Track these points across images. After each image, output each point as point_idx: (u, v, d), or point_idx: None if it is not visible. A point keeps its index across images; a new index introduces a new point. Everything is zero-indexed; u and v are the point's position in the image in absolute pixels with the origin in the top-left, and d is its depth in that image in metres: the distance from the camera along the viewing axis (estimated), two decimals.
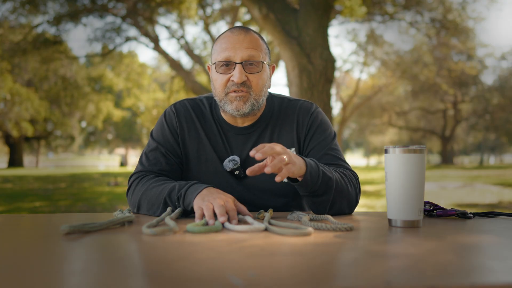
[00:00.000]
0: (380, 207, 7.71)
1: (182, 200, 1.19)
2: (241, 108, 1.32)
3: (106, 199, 9.21)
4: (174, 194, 1.22)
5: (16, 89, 17.57)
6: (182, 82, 13.67)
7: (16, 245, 0.86)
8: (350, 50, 36.49)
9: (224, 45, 1.32)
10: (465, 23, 12.43)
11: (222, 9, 12.80)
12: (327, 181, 1.21)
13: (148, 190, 1.28)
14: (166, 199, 1.23)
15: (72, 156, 56.81)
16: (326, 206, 1.25)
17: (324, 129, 1.44)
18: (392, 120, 30.00)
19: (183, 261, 0.70)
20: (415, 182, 1.04)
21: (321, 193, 1.22)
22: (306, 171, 1.16)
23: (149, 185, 1.29)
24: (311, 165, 1.18)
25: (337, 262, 0.73)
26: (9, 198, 9.42)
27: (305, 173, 1.16)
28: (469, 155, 50.65)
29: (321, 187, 1.21)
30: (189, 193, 1.18)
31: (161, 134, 1.43)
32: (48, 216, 1.30)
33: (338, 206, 1.27)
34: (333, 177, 1.24)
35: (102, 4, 11.11)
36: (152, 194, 1.26)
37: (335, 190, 1.24)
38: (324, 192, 1.22)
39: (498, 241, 0.89)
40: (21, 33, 12.34)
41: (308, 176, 1.17)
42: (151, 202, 1.26)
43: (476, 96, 26.68)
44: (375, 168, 30.34)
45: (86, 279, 0.61)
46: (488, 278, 0.63)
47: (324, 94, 5.40)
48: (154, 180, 1.31)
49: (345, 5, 6.22)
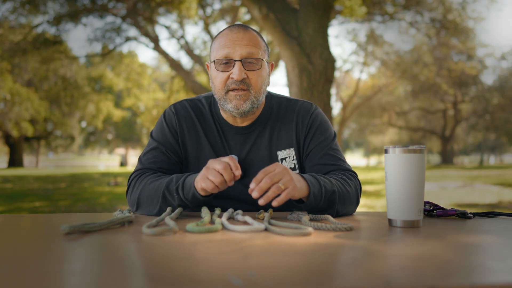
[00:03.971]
0: (380, 207, 7.71)
1: (182, 189, 1.20)
2: (241, 106, 1.32)
3: (106, 199, 9.21)
4: (172, 186, 1.22)
5: (16, 89, 17.56)
6: (182, 82, 13.67)
7: (16, 245, 0.86)
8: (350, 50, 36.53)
9: (223, 42, 1.32)
10: (465, 23, 12.43)
11: (222, 9, 12.80)
12: (330, 196, 1.21)
13: (147, 186, 1.28)
14: (164, 191, 1.23)
15: (72, 156, 56.81)
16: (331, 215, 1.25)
17: (324, 129, 1.44)
18: (392, 120, 29.99)
19: (183, 261, 0.70)
20: (415, 182, 1.04)
21: (325, 208, 1.22)
22: (309, 193, 1.16)
23: (147, 180, 1.30)
24: (313, 185, 1.17)
25: (337, 262, 0.73)
26: (9, 198, 9.42)
27: (309, 195, 1.16)
28: (469, 155, 50.63)
29: (325, 203, 1.21)
30: (188, 181, 1.20)
31: (160, 134, 1.43)
32: (48, 216, 1.30)
33: (342, 213, 1.28)
34: (336, 188, 1.23)
35: (102, 4, 11.11)
36: (150, 188, 1.27)
37: (338, 200, 1.23)
38: (328, 206, 1.22)
39: (498, 241, 0.89)
40: (21, 33, 12.34)
41: (312, 197, 1.17)
42: (150, 197, 1.26)
43: (476, 96, 26.68)
44: (375, 168, 30.33)
45: (86, 279, 0.61)
46: (488, 278, 0.63)
47: (324, 94, 5.40)
48: (151, 176, 1.31)
49: (345, 5, 6.22)
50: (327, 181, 1.23)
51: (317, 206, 1.20)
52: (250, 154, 1.40)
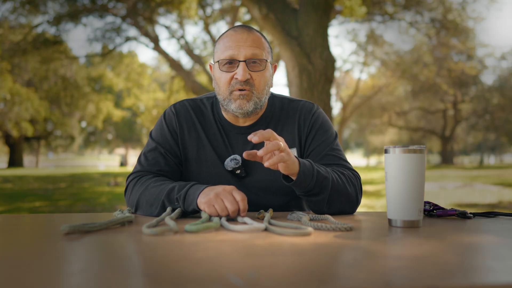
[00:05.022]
0: (380, 207, 7.71)
1: (183, 201, 1.19)
2: (244, 106, 1.32)
3: (106, 199, 9.21)
4: (173, 195, 1.21)
5: (16, 89, 17.55)
6: (182, 82, 13.68)
7: (16, 245, 0.86)
8: (350, 50, 36.49)
9: (228, 43, 1.33)
10: (465, 23, 12.43)
11: (222, 9, 12.80)
12: (322, 180, 1.22)
13: (147, 190, 1.27)
14: (164, 200, 1.22)
15: (72, 156, 56.81)
16: (323, 205, 1.25)
17: (325, 129, 1.44)
18: (392, 120, 29.99)
19: (183, 261, 0.70)
20: (415, 182, 1.04)
21: (316, 193, 1.23)
22: (299, 169, 1.18)
23: (148, 185, 1.29)
24: (304, 164, 1.20)
25: (337, 262, 0.73)
26: (9, 198, 9.42)
27: (299, 171, 1.18)
28: (469, 155, 50.64)
29: (316, 186, 1.22)
30: (190, 193, 1.18)
31: (160, 134, 1.43)
32: (48, 216, 1.30)
33: (337, 206, 1.27)
34: (329, 176, 1.24)
35: (102, 4, 11.11)
36: (150, 194, 1.26)
37: (331, 189, 1.24)
38: (320, 191, 1.23)
39: (498, 241, 0.89)
40: (21, 33, 12.34)
41: (301, 174, 1.18)
42: (149, 202, 1.26)
43: (476, 96, 26.69)
44: (375, 168, 30.33)
45: (86, 279, 0.61)
46: (488, 278, 0.63)
47: (324, 94, 5.40)
48: (152, 180, 1.31)
49: (345, 5, 6.22)
50: (321, 167, 1.25)
51: (307, 187, 1.20)
52: None
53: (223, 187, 1.14)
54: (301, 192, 1.24)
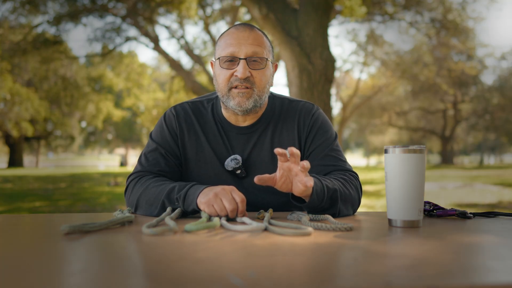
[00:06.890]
0: (380, 207, 7.71)
1: (182, 201, 1.19)
2: (243, 104, 1.32)
3: (106, 199, 9.21)
4: (173, 195, 1.21)
5: (16, 89, 17.55)
6: (182, 82, 13.67)
7: (16, 245, 0.86)
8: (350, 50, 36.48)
9: (229, 41, 1.33)
10: (465, 23, 12.43)
11: (222, 9, 12.80)
12: (331, 195, 1.21)
13: (147, 190, 1.28)
14: (164, 200, 1.23)
15: (72, 156, 56.79)
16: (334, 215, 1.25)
17: (325, 130, 1.44)
18: (392, 120, 29.99)
19: (183, 261, 0.70)
20: (415, 182, 1.04)
21: (327, 207, 1.22)
22: (312, 191, 1.15)
23: (148, 185, 1.29)
24: (315, 184, 1.17)
25: (337, 262, 0.73)
26: (9, 198, 9.42)
27: (312, 193, 1.15)
28: (469, 155, 50.62)
29: (327, 201, 1.20)
30: (190, 193, 1.18)
31: (160, 135, 1.43)
32: (48, 216, 1.30)
33: (344, 213, 1.27)
34: (337, 187, 1.23)
35: (102, 4, 11.11)
36: (150, 194, 1.26)
37: (340, 199, 1.23)
38: (330, 206, 1.22)
39: (498, 241, 0.89)
40: (21, 33, 12.33)
41: (314, 196, 1.16)
42: (149, 202, 1.26)
43: (476, 96, 26.68)
44: (375, 168, 30.33)
45: (86, 279, 0.61)
46: (488, 278, 0.63)
47: (324, 94, 5.40)
48: (153, 181, 1.31)
49: (345, 5, 6.22)
50: (328, 181, 1.23)
51: (320, 204, 1.19)
52: (252, 154, 1.41)
53: (222, 187, 1.14)
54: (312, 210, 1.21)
